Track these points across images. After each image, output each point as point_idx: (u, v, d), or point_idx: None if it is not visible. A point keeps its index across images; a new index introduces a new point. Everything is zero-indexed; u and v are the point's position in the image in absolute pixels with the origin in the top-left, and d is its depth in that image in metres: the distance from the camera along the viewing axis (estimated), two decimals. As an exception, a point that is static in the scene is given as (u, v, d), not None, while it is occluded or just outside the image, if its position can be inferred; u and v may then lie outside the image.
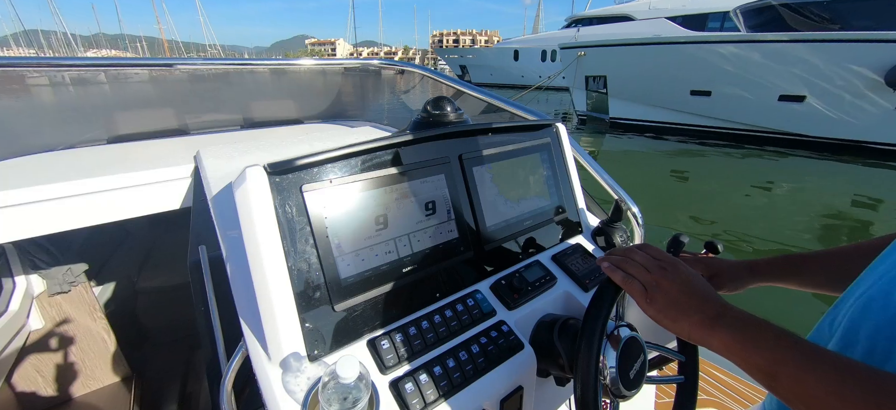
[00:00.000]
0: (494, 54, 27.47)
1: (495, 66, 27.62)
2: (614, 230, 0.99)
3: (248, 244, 0.59)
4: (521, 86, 27.63)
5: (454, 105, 0.89)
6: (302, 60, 1.89)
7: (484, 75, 28.90)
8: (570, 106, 13.79)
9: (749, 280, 0.69)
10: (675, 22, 22.77)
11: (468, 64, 29.02)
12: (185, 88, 1.70)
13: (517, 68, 26.99)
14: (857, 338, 0.45)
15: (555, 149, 1.04)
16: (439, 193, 0.78)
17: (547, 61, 26.14)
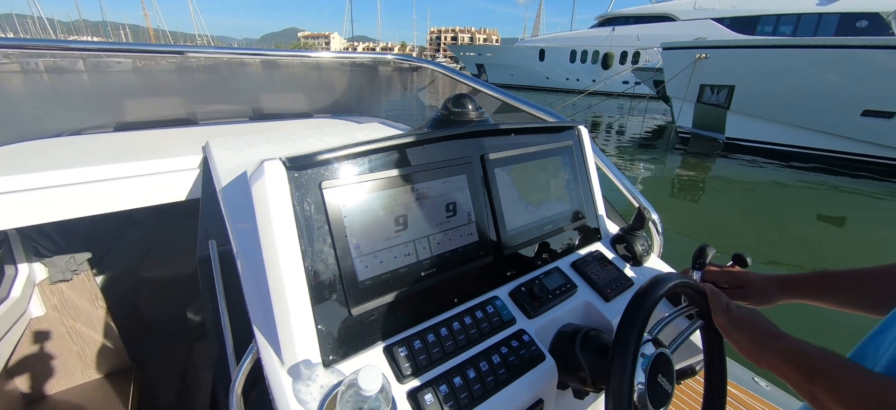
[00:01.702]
0: (516, 53, 27.01)
1: (517, 66, 27.12)
2: (635, 238, 1.03)
3: (263, 241, 0.60)
4: (546, 89, 27.05)
5: (475, 103, 0.94)
6: (313, 53, 1.98)
7: (503, 76, 28.33)
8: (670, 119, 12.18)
9: (779, 295, 0.73)
10: (723, 23, 22.28)
11: (486, 63, 28.56)
12: (194, 77, 1.77)
13: (543, 69, 26.48)
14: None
15: (576, 153, 1.08)
16: (460, 194, 0.81)
17: (577, 62, 25.55)
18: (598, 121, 14.22)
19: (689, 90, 9.12)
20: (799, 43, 7.62)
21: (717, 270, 0.80)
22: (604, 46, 24.47)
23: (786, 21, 21.90)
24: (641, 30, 24.96)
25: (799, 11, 21.13)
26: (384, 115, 2.01)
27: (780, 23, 22.05)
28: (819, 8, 20.75)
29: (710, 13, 23.05)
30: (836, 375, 0.46)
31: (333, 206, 0.65)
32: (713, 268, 0.81)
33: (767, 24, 22.18)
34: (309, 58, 2.02)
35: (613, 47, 24.31)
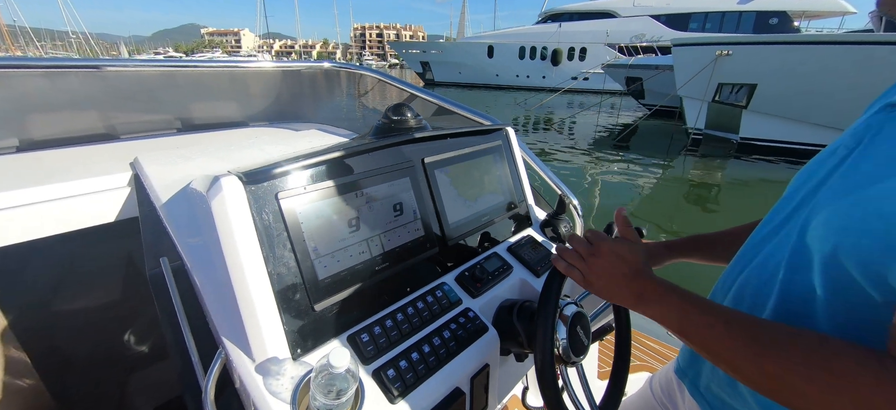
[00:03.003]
0: (464, 50, 26.23)
1: (466, 64, 26.34)
2: (559, 221, 1.23)
3: (227, 253, 0.65)
4: (498, 87, 26.55)
5: (413, 111, 1.06)
6: (247, 61, 1.97)
7: (451, 74, 27.36)
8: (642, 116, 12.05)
9: (667, 257, 0.93)
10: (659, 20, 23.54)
11: (431, 61, 27.36)
12: (112, 88, 1.66)
13: (492, 66, 26.00)
14: (742, 297, 0.66)
15: (506, 151, 1.25)
16: (406, 195, 0.93)
17: (526, 59, 25.37)
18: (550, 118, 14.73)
19: (708, 89, 8.67)
20: (833, 39, 7.34)
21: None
22: (552, 43, 24.58)
23: (712, 18, 23.69)
24: (586, 25, 25.51)
25: (723, 9, 22.93)
26: (322, 121, 1.99)
27: (707, 19, 23.79)
28: (739, 7, 22.73)
29: (648, 10, 24.26)
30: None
31: (291, 214, 0.73)
32: None
33: (697, 20, 23.82)
34: (241, 66, 1.97)
35: (561, 43, 24.43)
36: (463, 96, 21.76)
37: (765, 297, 0.59)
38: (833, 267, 0.48)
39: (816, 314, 0.51)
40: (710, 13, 22.83)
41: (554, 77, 25.48)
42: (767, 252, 0.61)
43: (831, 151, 0.59)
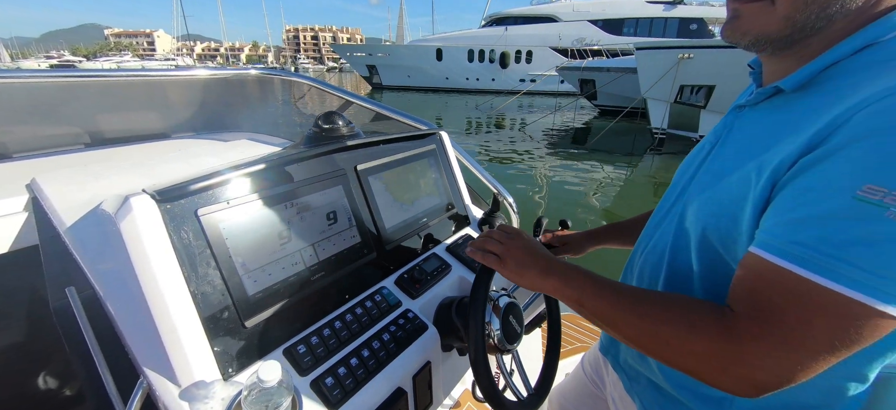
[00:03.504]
0: (413, 53, 25.90)
1: (414, 67, 26.02)
2: (495, 219, 1.28)
3: (142, 277, 0.63)
4: (448, 90, 26.49)
5: (345, 119, 1.07)
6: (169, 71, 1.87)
7: (399, 77, 26.87)
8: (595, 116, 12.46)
9: (588, 244, 1.04)
10: (596, 24, 24.96)
11: (378, 64, 26.65)
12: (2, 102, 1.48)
13: (442, 69, 25.88)
14: (642, 276, 0.75)
15: (440, 154, 1.30)
16: (339, 203, 0.94)
17: (475, 62, 25.58)
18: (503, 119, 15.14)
19: (672, 91, 9.20)
20: None
21: (550, 235, 1.09)
22: (499, 46, 25.03)
23: (642, 24, 25.51)
24: (530, 29, 26.33)
25: (651, 16, 24.69)
26: (254, 130, 1.91)
27: (638, 25, 25.56)
28: (664, 13, 24.70)
29: (586, 15, 25.60)
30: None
31: (214, 231, 0.70)
32: (548, 234, 1.09)
33: (630, 26, 25.56)
34: (161, 74, 1.83)
35: (508, 46, 24.95)
36: (413, 100, 21.37)
37: (657, 275, 0.68)
38: (704, 246, 0.58)
39: (695, 288, 0.60)
40: (640, 19, 24.72)
41: (503, 79, 26.02)
42: (657, 236, 0.70)
43: (701, 147, 0.70)
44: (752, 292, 0.46)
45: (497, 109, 17.17)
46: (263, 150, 1.48)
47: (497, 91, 24.88)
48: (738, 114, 0.62)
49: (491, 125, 13.33)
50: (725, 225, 0.53)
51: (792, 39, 0.51)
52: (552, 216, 1.17)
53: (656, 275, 0.68)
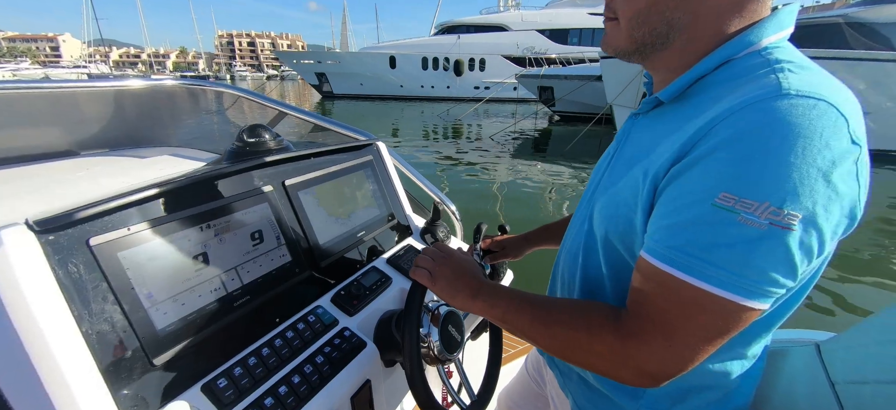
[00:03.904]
0: (365, 61, 25.39)
1: (367, 75, 25.42)
2: (437, 228, 1.28)
3: (18, 323, 0.55)
4: (402, 98, 26.22)
5: (272, 132, 1.02)
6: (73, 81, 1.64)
7: (351, 86, 26.17)
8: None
9: (526, 247, 1.07)
10: (544, 34, 26.06)
11: (328, 72, 25.75)
12: None
13: (396, 77, 25.49)
14: (564, 278, 0.79)
15: (378, 165, 1.28)
16: (265, 222, 0.88)
17: (429, 69, 25.52)
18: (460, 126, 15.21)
19: (637, 98, 9.89)
20: None
21: (489, 240, 1.11)
22: (453, 53, 25.17)
23: (585, 34, 27.07)
24: (482, 38, 26.86)
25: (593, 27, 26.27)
26: (180, 143, 1.77)
27: (582, 35, 27.02)
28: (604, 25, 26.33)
29: (534, 25, 26.60)
30: None
31: (110, 261, 0.65)
32: (487, 240, 1.11)
33: (574, 35, 26.95)
34: (69, 85, 1.57)
35: (462, 54, 25.22)
36: (367, 109, 20.84)
37: (574, 277, 0.71)
38: (608, 249, 0.61)
39: (605, 288, 0.64)
40: (583, 30, 26.18)
41: (458, 87, 26.22)
42: (572, 238, 0.74)
43: (608, 152, 0.75)
44: (641, 293, 0.51)
45: (463, 114, 17.19)
46: (186, 166, 1.36)
47: (453, 98, 25.02)
48: (634, 122, 0.68)
49: (449, 133, 13.37)
50: (623, 229, 0.57)
51: (640, 53, 0.59)
52: (513, 221, 1.17)
53: (573, 277, 0.72)
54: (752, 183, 0.41)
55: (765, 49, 0.50)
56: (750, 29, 0.51)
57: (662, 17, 0.53)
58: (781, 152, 0.40)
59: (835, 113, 0.41)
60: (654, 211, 0.50)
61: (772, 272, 0.42)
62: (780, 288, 0.44)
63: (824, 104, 0.41)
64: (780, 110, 0.41)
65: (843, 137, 0.41)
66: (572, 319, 0.56)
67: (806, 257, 0.43)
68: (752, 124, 0.42)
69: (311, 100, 27.40)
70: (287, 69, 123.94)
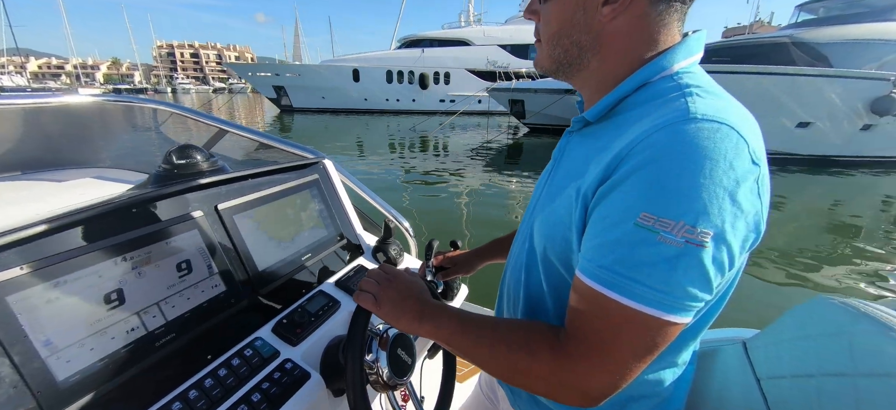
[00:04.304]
0: (327, 74, 24.85)
1: (329, 88, 24.81)
2: (389, 246, 1.25)
3: None
4: (367, 112, 25.80)
5: (204, 152, 0.96)
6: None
7: (312, 99, 25.41)
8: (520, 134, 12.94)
9: (477, 262, 1.07)
10: (506, 49, 26.83)
11: (288, 85, 24.81)
12: None
13: (359, 90, 25.02)
14: (509, 294, 0.78)
15: (325, 184, 1.24)
16: (194, 250, 0.82)
17: (394, 82, 25.34)
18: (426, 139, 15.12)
19: None
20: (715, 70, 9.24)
21: (441, 257, 1.10)
22: (418, 67, 25.16)
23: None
24: (446, 52, 27.13)
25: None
26: (109, 164, 1.62)
27: (542, 50, 27.96)
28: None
29: (496, 40, 27.29)
30: None
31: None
32: (439, 256, 1.09)
33: (534, 51, 27.75)
34: None
35: (426, 68, 25.27)
36: (330, 123, 20.18)
37: (518, 293, 0.71)
38: (547, 265, 0.62)
39: (547, 305, 0.64)
40: (545, 44, 27.06)
41: (424, 99, 26.14)
42: (516, 255, 0.74)
43: (547, 168, 0.76)
44: (577, 313, 0.52)
45: (439, 127, 17.01)
46: (110, 190, 1.25)
47: (418, 111, 24.87)
48: (569, 139, 0.70)
49: (416, 146, 13.24)
50: (560, 247, 0.58)
51: (562, 72, 0.63)
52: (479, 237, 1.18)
53: (518, 293, 0.72)
54: (668, 203, 0.43)
55: (677, 73, 0.54)
56: (663, 54, 0.55)
57: (571, 39, 0.58)
58: (692, 173, 0.43)
59: (736, 135, 0.44)
60: (586, 230, 0.52)
61: (690, 287, 0.45)
62: (699, 302, 0.46)
63: (726, 127, 0.45)
64: (688, 133, 0.44)
65: (745, 158, 0.44)
66: (513, 341, 0.56)
67: (719, 271, 0.45)
68: (664, 147, 0.45)
69: (263, 115, 26.07)
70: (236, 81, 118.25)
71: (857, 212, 6.48)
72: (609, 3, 0.54)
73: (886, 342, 0.55)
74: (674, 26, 0.56)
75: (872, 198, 7.55)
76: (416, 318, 0.65)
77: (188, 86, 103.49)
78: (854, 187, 8.34)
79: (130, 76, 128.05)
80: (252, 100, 39.37)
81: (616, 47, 0.56)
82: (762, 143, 0.49)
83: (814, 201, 7.19)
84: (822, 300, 0.68)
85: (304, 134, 16.03)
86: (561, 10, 0.58)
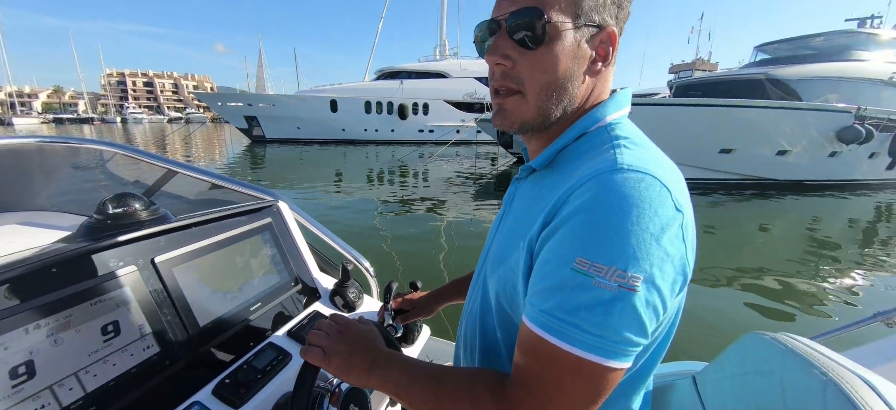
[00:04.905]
0: (303, 104, 24.51)
1: (305, 118, 24.31)
2: (346, 289, 1.20)
3: None
4: (344, 142, 25.39)
5: (145, 200, 0.91)
6: None
7: (286, 129, 24.85)
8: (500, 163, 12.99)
9: (436, 304, 1.05)
10: (482, 82, 27.54)
11: (260, 115, 24.10)
12: None
13: (337, 120, 24.69)
14: (466, 338, 0.77)
15: (278, 227, 1.18)
16: (123, 310, 0.77)
17: (372, 113, 25.23)
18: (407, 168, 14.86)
19: None
20: (682, 102, 10.28)
21: (400, 299, 1.07)
22: (397, 98, 25.24)
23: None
24: (424, 84, 27.49)
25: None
26: (40, 206, 1.48)
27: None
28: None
29: (473, 73, 28.06)
30: None
31: None
32: (398, 299, 1.07)
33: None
34: None
35: (405, 99, 25.41)
36: (306, 154, 19.57)
37: (474, 340, 0.70)
38: (500, 311, 0.62)
39: (501, 352, 0.63)
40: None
41: (403, 130, 26.07)
42: (471, 300, 0.73)
43: (498, 215, 0.76)
44: (522, 359, 0.51)
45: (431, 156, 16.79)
46: (37, 239, 1.12)
47: (398, 141, 24.66)
48: (518, 186, 0.71)
49: (395, 176, 12.97)
50: (510, 293, 0.58)
51: (543, 125, 0.62)
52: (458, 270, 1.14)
53: (474, 340, 0.71)
54: (600, 248, 0.44)
55: (609, 125, 0.58)
56: (597, 107, 0.60)
57: (567, 91, 0.57)
58: (620, 220, 0.45)
59: (659, 185, 0.47)
60: (531, 276, 0.53)
61: (626, 331, 0.45)
62: (636, 346, 0.46)
63: (650, 177, 0.47)
64: (616, 183, 0.47)
65: (669, 206, 0.46)
66: (459, 391, 0.55)
67: (653, 315, 0.46)
68: (596, 195, 0.47)
69: (224, 146, 24.78)
70: (193, 111, 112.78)
71: (829, 232, 7.08)
72: (605, 63, 0.58)
73: (811, 380, 0.56)
74: (609, 82, 0.61)
75: (839, 216, 8.43)
76: (366, 369, 0.63)
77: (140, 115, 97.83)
78: (825, 206, 9.32)
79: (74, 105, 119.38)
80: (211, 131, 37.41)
81: (580, 100, 0.60)
82: (685, 191, 0.51)
83: (794, 222, 7.80)
84: (755, 336, 0.70)
85: (277, 164, 15.50)
86: (561, 59, 0.55)
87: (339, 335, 0.67)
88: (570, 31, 0.54)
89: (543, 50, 0.55)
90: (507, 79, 0.58)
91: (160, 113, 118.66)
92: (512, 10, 0.55)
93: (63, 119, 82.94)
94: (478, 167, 15.40)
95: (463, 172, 13.79)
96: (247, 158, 17.77)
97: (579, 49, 0.55)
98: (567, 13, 0.54)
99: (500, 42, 0.57)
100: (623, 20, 0.58)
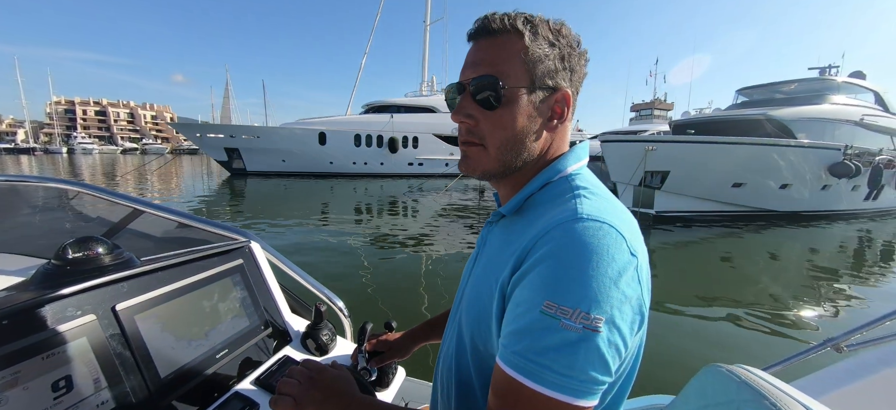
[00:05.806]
0: (289, 137, 23.86)
1: (292, 151, 23.67)
2: (319, 332, 1.16)
3: None
4: (331, 175, 24.79)
5: (108, 243, 0.88)
6: None
7: (270, 162, 24.19)
8: None
9: (412, 345, 1.02)
10: (469, 117, 28.02)
11: (243, 147, 23.24)
12: None
13: (325, 153, 24.14)
14: (443, 377, 0.76)
15: (249, 269, 1.15)
16: (78, 363, 0.73)
17: (362, 146, 24.97)
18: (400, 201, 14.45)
19: (635, 176, 11.03)
20: (706, 140, 10.95)
21: (375, 340, 1.04)
22: (387, 131, 25.14)
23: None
24: (413, 117, 27.69)
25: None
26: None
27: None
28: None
29: (461, 109, 28.13)
30: None
31: None
32: (373, 340, 1.04)
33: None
34: None
35: (395, 132, 25.35)
36: (292, 187, 18.86)
37: (450, 382, 0.70)
38: (475, 352, 0.63)
39: (476, 392, 0.64)
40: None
41: (393, 163, 25.80)
42: (447, 342, 0.74)
43: (471, 257, 0.78)
44: (495, 400, 0.53)
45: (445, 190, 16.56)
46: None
47: (387, 175, 24.29)
48: (490, 230, 0.74)
49: (384, 209, 12.65)
50: (485, 335, 0.60)
51: (505, 174, 0.67)
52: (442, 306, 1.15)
53: (450, 382, 0.72)
54: (566, 292, 0.47)
55: (570, 176, 0.63)
56: (558, 159, 0.65)
57: (525, 146, 0.63)
58: (581, 266, 0.48)
59: (615, 232, 0.51)
60: (504, 318, 0.55)
61: (592, 371, 0.47)
62: (601, 384, 0.49)
63: (607, 226, 0.51)
64: (577, 231, 0.51)
65: (624, 251, 0.50)
66: None
67: (616, 353, 0.49)
68: (560, 242, 0.50)
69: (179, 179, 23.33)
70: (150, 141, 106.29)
71: (824, 257, 7.56)
72: (560, 120, 0.64)
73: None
74: (568, 136, 0.68)
75: (833, 242, 9.12)
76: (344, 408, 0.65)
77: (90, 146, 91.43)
78: (819, 235, 10.10)
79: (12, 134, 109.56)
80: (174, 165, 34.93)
81: (539, 152, 0.65)
82: (639, 235, 0.56)
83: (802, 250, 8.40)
84: (714, 369, 0.72)
85: (258, 198, 14.97)
86: (518, 118, 0.61)
87: (310, 382, 0.67)
88: (525, 95, 0.61)
89: (502, 110, 0.61)
90: (471, 134, 0.65)
91: (112, 142, 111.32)
92: (474, 75, 0.62)
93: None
94: (465, 199, 15.35)
95: (452, 203, 13.73)
96: (225, 192, 16.96)
97: (535, 109, 0.62)
98: (522, 80, 0.60)
99: (465, 103, 0.63)
100: (578, 82, 0.65)
